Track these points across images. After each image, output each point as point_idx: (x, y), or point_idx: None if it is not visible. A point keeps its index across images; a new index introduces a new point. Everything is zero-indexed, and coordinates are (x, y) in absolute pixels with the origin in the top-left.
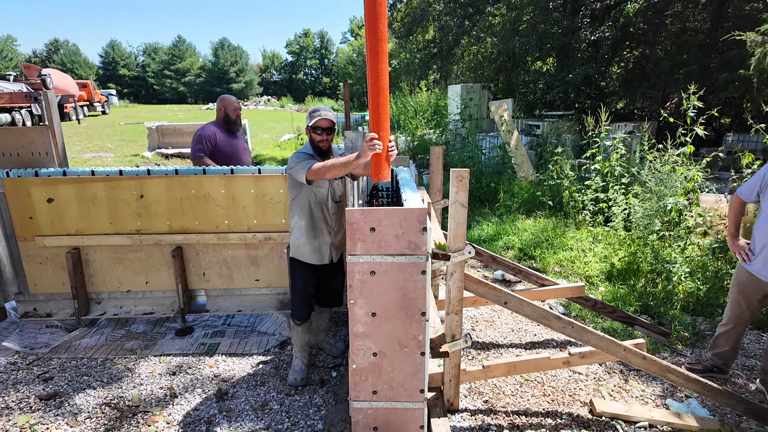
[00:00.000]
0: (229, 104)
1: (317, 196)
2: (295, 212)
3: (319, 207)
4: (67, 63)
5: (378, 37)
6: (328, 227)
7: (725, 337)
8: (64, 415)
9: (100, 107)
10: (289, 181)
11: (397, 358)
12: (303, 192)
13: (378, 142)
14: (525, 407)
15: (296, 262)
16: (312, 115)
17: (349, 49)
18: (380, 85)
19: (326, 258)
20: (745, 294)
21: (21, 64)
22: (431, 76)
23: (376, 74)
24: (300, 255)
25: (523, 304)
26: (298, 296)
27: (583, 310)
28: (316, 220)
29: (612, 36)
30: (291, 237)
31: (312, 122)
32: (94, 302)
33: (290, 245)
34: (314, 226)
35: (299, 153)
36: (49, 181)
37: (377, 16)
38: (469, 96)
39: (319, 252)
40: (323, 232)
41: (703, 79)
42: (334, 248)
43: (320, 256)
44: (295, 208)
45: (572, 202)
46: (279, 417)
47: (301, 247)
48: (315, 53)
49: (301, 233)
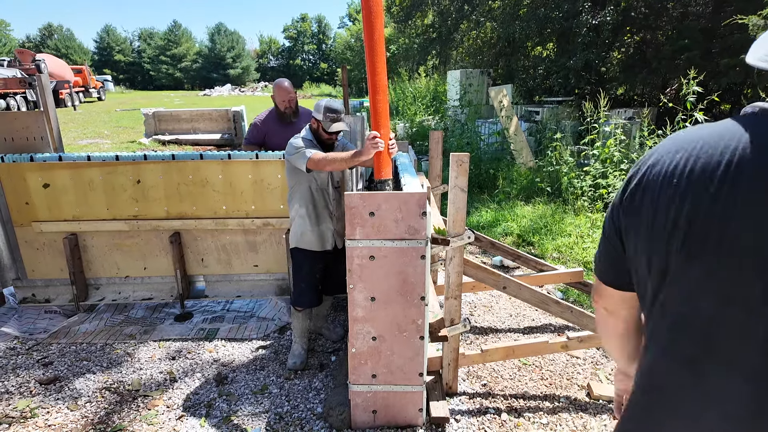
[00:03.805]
0: (278, 94)
1: (318, 182)
2: (295, 200)
3: (321, 193)
4: (62, 48)
5: (375, 36)
6: (330, 213)
7: None
8: (65, 399)
9: (95, 93)
10: (288, 167)
11: (396, 342)
12: (303, 178)
13: (380, 141)
14: (523, 391)
15: (299, 251)
16: (329, 116)
17: (347, 34)
18: (379, 84)
19: (329, 244)
20: None
21: (15, 49)
22: (430, 62)
23: (374, 73)
24: (304, 243)
25: (521, 289)
26: (305, 284)
27: (582, 295)
28: (318, 206)
29: (613, 21)
30: (292, 227)
31: (331, 127)
32: (92, 288)
33: (291, 235)
34: (317, 213)
35: (300, 139)
36: (44, 167)
37: (374, 16)
38: (468, 82)
39: (322, 239)
40: (326, 219)
41: (705, 64)
42: (337, 234)
43: (324, 243)
44: (296, 195)
45: (571, 188)
46: (279, 401)
47: (305, 236)
48: (312, 38)
49: (304, 221)
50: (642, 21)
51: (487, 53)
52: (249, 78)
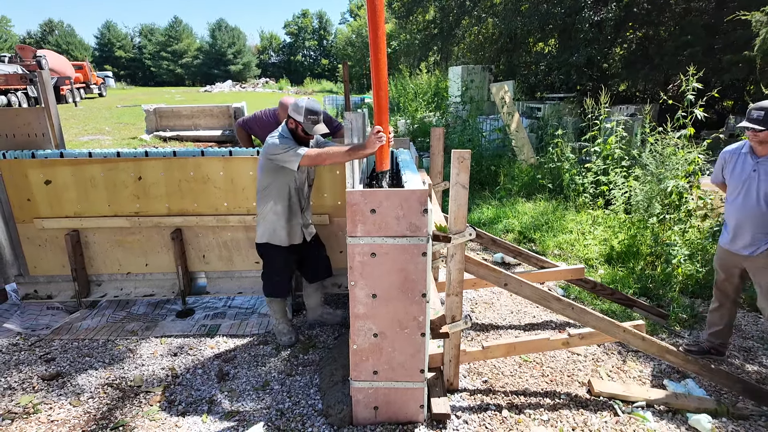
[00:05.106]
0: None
1: (297, 181)
2: (270, 198)
3: (297, 192)
4: (62, 44)
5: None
6: (301, 208)
7: (717, 315)
8: (67, 395)
9: (96, 89)
10: (267, 166)
11: (397, 338)
12: (282, 177)
13: (384, 135)
14: (524, 387)
15: (271, 246)
16: (311, 118)
17: (348, 30)
18: (381, 81)
19: (299, 238)
20: (724, 268)
21: (16, 45)
22: (431, 58)
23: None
24: (276, 239)
25: (523, 286)
26: (280, 276)
27: (582, 292)
28: (293, 204)
29: (615, 17)
30: (263, 223)
31: (312, 128)
32: (94, 284)
33: (261, 231)
34: (291, 210)
35: (281, 138)
36: (46, 163)
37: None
38: (470, 78)
39: (292, 233)
40: (297, 215)
41: (707, 60)
42: (304, 227)
43: (293, 237)
44: (271, 194)
45: (572, 185)
46: (280, 397)
47: (278, 232)
48: (313, 34)
49: (278, 217)
50: (644, 17)
51: (489, 49)
52: (250, 74)
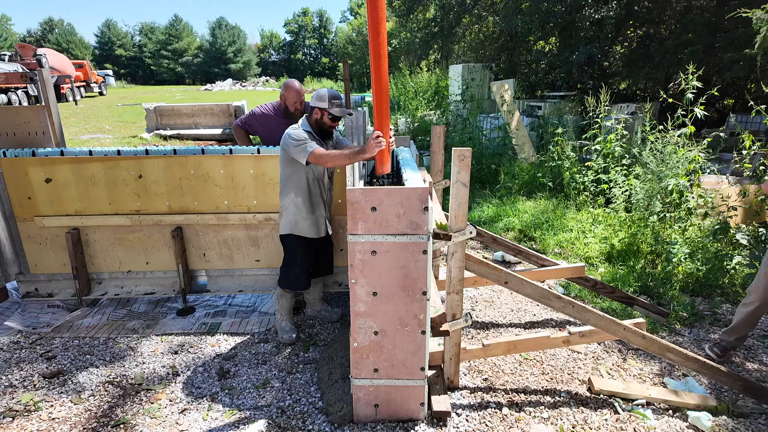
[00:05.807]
0: (289, 95)
1: (315, 172)
2: (290, 190)
3: (317, 183)
4: (63, 43)
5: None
6: (324, 201)
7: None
8: (68, 393)
9: (97, 88)
10: (285, 157)
11: (398, 336)
12: (301, 169)
13: (383, 139)
14: (524, 385)
15: (294, 237)
16: (333, 102)
17: (348, 29)
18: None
19: (323, 231)
20: None
21: (16, 43)
22: (432, 56)
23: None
24: (298, 230)
25: (523, 284)
26: (300, 269)
27: (583, 291)
28: (313, 195)
29: (616, 15)
30: (285, 215)
31: (333, 110)
32: (95, 282)
33: (284, 223)
34: (312, 201)
35: (299, 131)
36: (46, 161)
37: (378, 20)
38: (470, 76)
39: (317, 226)
40: (320, 206)
41: (708, 59)
42: (328, 221)
43: (318, 230)
44: (290, 185)
45: (573, 183)
46: (281, 394)
47: (300, 223)
48: (314, 33)
49: (299, 209)
50: (645, 15)
51: (490, 47)
52: (250, 73)
